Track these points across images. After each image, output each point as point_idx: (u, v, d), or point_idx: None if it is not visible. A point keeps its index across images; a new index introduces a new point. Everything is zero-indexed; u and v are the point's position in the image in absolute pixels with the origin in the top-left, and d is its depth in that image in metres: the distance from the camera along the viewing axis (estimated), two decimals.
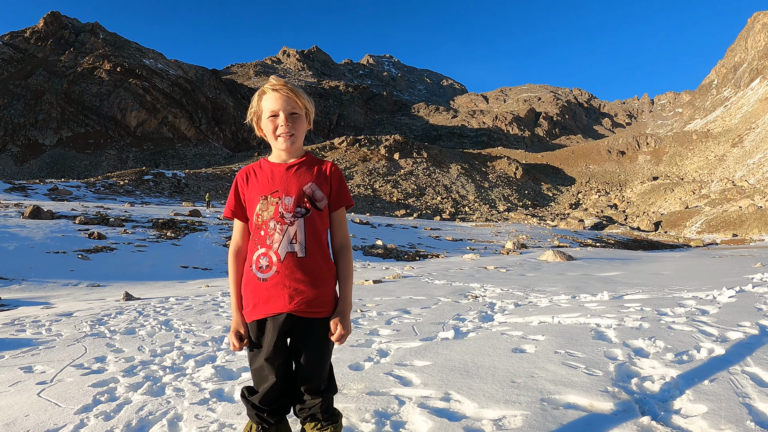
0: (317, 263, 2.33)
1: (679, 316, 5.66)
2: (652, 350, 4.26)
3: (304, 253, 2.31)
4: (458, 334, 5.48)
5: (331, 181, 2.41)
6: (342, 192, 2.42)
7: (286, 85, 2.39)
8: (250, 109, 2.50)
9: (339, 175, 2.44)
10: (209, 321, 7.56)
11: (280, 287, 2.32)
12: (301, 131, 2.44)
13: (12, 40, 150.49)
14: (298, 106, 2.39)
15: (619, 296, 8.03)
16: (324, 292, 2.33)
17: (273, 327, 2.34)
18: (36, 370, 4.94)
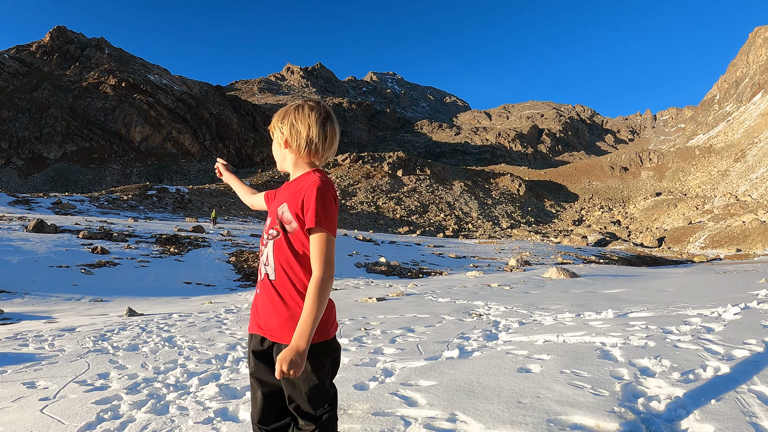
0: (286, 288, 2.25)
1: (684, 334, 5.62)
2: (658, 369, 4.23)
3: (274, 276, 2.29)
4: (463, 353, 5.45)
5: (303, 201, 2.22)
6: (309, 213, 2.18)
7: (278, 112, 2.45)
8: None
9: (312, 193, 2.18)
10: (212, 338, 7.53)
11: (256, 306, 2.39)
12: (277, 153, 2.47)
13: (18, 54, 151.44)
14: (272, 132, 2.46)
15: (623, 314, 7.97)
16: (290, 318, 2.23)
17: (251, 343, 2.41)
18: (39, 385, 4.92)
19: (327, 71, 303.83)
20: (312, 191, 2.18)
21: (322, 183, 2.19)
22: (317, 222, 2.15)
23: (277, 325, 2.25)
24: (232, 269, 22.11)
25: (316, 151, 2.34)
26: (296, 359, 2.06)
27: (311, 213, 2.16)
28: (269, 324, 2.29)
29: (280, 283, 2.27)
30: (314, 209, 2.16)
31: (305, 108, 2.35)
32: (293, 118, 2.34)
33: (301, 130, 2.33)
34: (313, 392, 2.25)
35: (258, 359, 2.38)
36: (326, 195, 2.18)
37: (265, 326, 2.32)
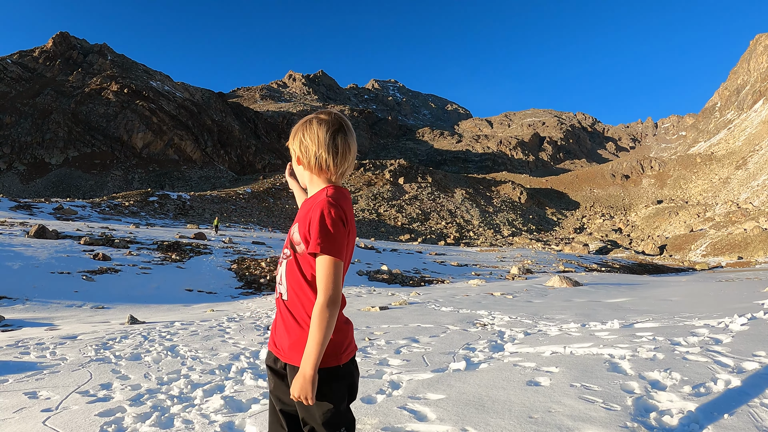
0: (297, 309, 2.20)
1: (692, 345, 5.57)
2: (668, 383, 4.19)
3: (287, 297, 2.25)
4: (470, 365, 5.39)
5: (309, 222, 2.14)
6: (312, 237, 2.09)
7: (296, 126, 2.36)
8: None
9: (316, 215, 2.10)
10: (216, 348, 7.46)
11: (275, 324, 2.36)
12: (300, 174, 2.37)
13: (21, 59, 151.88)
14: (292, 149, 2.35)
15: (629, 324, 7.92)
16: (300, 340, 2.16)
17: (268, 359, 2.39)
18: (41, 395, 4.86)
19: (329, 79, 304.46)
20: (316, 213, 2.10)
21: (327, 203, 2.10)
22: (320, 247, 2.07)
23: (288, 346, 2.22)
24: (233, 277, 22.06)
25: (328, 167, 2.24)
26: (305, 386, 2.04)
27: (314, 237, 2.09)
28: (282, 344, 2.26)
29: (292, 304, 2.23)
30: (317, 233, 2.08)
31: (313, 122, 2.26)
32: (302, 133, 2.27)
33: (309, 146, 2.25)
34: (327, 417, 2.18)
35: (275, 376, 2.36)
36: (330, 216, 2.08)
37: (279, 345, 2.29)
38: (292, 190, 2.77)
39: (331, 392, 2.17)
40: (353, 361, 2.30)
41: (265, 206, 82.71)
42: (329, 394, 2.16)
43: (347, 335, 2.27)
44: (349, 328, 2.31)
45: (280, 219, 76.93)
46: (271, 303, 15.51)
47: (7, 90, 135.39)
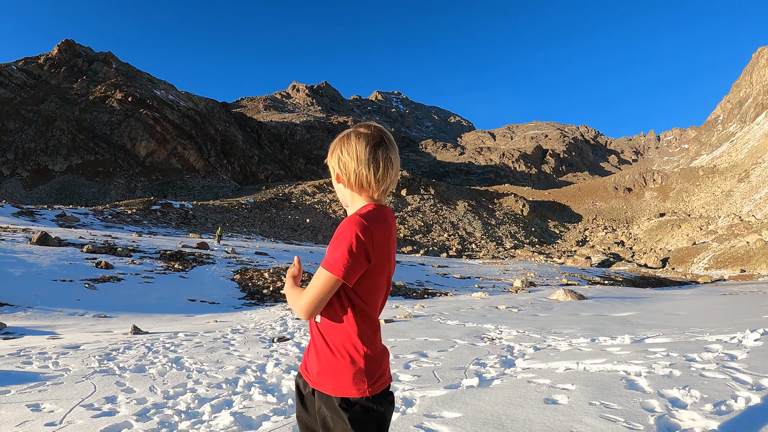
0: (330, 333, 2.09)
1: (708, 362, 5.52)
2: (688, 400, 4.13)
3: (320, 319, 2.13)
4: (483, 382, 5.28)
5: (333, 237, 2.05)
6: (331, 252, 1.99)
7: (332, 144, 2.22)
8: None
9: (338, 231, 2.01)
10: (221, 360, 7.35)
11: (308, 346, 2.25)
12: (339, 192, 2.24)
13: (26, 66, 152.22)
14: (332, 167, 2.20)
15: (639, 340, 7.84)
16: (329, 367, 2.07)
17: (297, 382, 2.30)
18: (44, 408, 4.75)
19: (332, 90, 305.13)
20: (341, 227, 2.01)
21: (354, 222, 2.00)
22: (326, 261, 1.99)
23: (317, 372, 2.11)
24: (236, 287, 21.94)
25: (369, 184, 2.11)
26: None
27: (331, 251, 2.00)
28: (312, 368, 2.15)
29: (325, 327, 2.11)
30: (334, 248, 1.99)
31: (352, 136, 2.13)
32: (340, 149, 2.15)
33: (348, 162, 2.12)
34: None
35: (302, 402, 2.25)
36: (350, 235, 1.96)
37: (309, 369, 2.18)
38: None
39: (358, 425, 2.02)
40: (386, 393, 2.14)
41: (267, 217, 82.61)
42: (357, 426, 2.02)
43: (381, 364, 2.13)
44: (385, 357, 2.17)
45: (282, 230, 76.84)
46: (275, 314, 15.39)
47: (11, 96, 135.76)
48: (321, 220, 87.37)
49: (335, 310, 2.08)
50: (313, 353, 2.15)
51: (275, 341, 9.20)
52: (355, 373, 2.04)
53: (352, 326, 2.05)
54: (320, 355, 2.11)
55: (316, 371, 2.11)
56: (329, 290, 2.00)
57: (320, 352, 2.11)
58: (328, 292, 2.00)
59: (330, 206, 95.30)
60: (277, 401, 4.93)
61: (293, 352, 7.95)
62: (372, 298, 2.10)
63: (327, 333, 2.10)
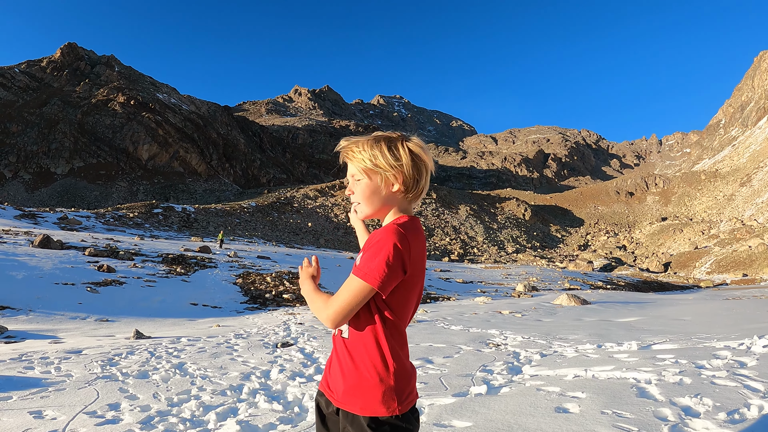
0: (359, 350, 1.98)
1: (718, 369, 5.48)
2: (701, 409, 4.09)
3: (347, 334, 2.02)
4: (491, 389, 5.22)
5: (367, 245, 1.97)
6: (364, 260, 1.90)
7: (348, 145, 2.06)
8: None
9: (375, 240, 1.91)
10: (225, 366, 7.29)
11: (330, 362, 2.14)
12: (368, 198, 2.04)
13: (28, 69, 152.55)
14: (357, 168, 2.04)
15: (647, 346, 7.78)
16: (357, 385, 1.96)
17: (318, 400, 2.20)
18: (46, 415, 4.69)
19: (334, 94, 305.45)
20: (376, 236, 1.92)
21: (393, 230, 1.90)
22: (359, 270, 1.89)
23: (343, 391, 1.99)
24: (239, 291, 21.87)
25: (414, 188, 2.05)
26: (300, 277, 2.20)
27: (363, 262, 1.90)
28: (336, 386, 2.04)
29: (353, 344, 2.00)
30: (365, 257, 1.90)
31: (381, 140, 2.05)
32: (370, 152, 2.02)
33: (381, 164, 2.02)
34: None
35: (323, 422, 2.15)
36: (388, 241, 1.87)
37: (333, 387, 2.07)
38: (355, 229, 2.46)
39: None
40: (414, 411, 2.04)
41: (269, 220, 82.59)
42: None
43: (410, 382, 2.04)
44: (413, 374, 2.09)
45: (284, 233, 76.82)
46: (277, 319, 15.32)
47: (14, 99, 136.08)
48: (323, 224, 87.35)
49: (364, 323, 1.98)
50: (338, 370, 2.05)
51: (279, 347, 9.13)
52: (384, 391, 1.94)
53: (382, 341, 1.96)
54: (346, 372, 2.00)
55: (342, 389, 2.00)
56: (361, 300, 1.90)
57: (346, 369, 2.00)
58: (360, 302, 1.90)
59: (332, 210, 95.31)
60: (283, 409, 4.86)
61: (297, 358, 7.88)
62: (403, 312, 2.01)
63: (354, 348, 1.99)
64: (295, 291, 22.72)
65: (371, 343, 1.96)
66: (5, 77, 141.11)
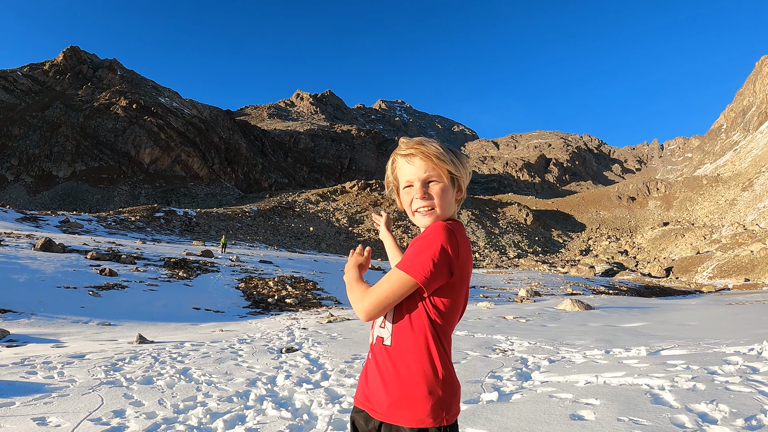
0: (404, 358, 1.88)
1: (730, 375, 5.46)
2: (718, 415, 4.06)
3: (390, 342, 1.92)
4: (502, 396, 5.14)
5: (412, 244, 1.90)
6: (411, 254, 1.85)
7: (420, 147, 1.96)
8: (386, 179, 2.13)
9: (424, 236, 1.86)
10: (230, 372, 7.20)
11: (366, 374, 2.03)
12: (445, 203, 1.97)
13: (31, 72, 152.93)
14: (438, 171, 1.96)
15: (655, 351, 7.72)
16: (405, 395, 1.86)
17: (355, 417, 2.07)
18: (50, 422, 4.60)
19: (336, 98, 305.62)
20: (422, 235, 1.87)
21: (441, 227, 1.86)
22: (403, 264, 1.83)
23: (388, 404, 1.88)
24: (241, 296, 21.79)
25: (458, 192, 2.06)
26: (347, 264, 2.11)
27: (409, 256, 1.84)
28: (378, 399, 1.92)
29: (397, 351, 1.90)
30: (412, 252, 1.85)
31: (450, 148, 2.02)
32: (458, 157, 2.02)
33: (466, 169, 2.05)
34: None
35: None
36: (436, 239, 1.82)
37: (373, 401, 1.95)
38: (384, 243, 2.47)
39: None
40: (456, 424, 1.95)
41: (271, 225, 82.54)
42: None
43: (457, 392, 1.95)
44: (459, 384, 1.98)
45: (285, 238, 76.75)
46: (281, 324, 15.23)
47: (16, 102, 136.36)
48: (324, 229, 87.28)
49: (412, 329, 1.89)
50: (378, 381, 1.93)
51: (283, 352, 9.04)
52: (434, 401, 1.85)
53: (432, 348, 1.87)
54: (389, 382, 1.89)
55: (387, 402, 1.88)
56: (401, 294, 1.84)
57: (389, 379, 1.89)
58: (399, 296, 1.84)
59: (333, 215, 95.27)
60: (291, 416, 4.77)
61: (303, 364, 7.80)
62: (451, 316, 1.94)
63: (399, 356, 1.90)
64: (298, 296, 22.65)
65: (421, 350, 1.87)
66: (8, 80, 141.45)
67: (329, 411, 4.89)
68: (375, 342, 1.99)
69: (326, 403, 5.21)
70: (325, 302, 22.37)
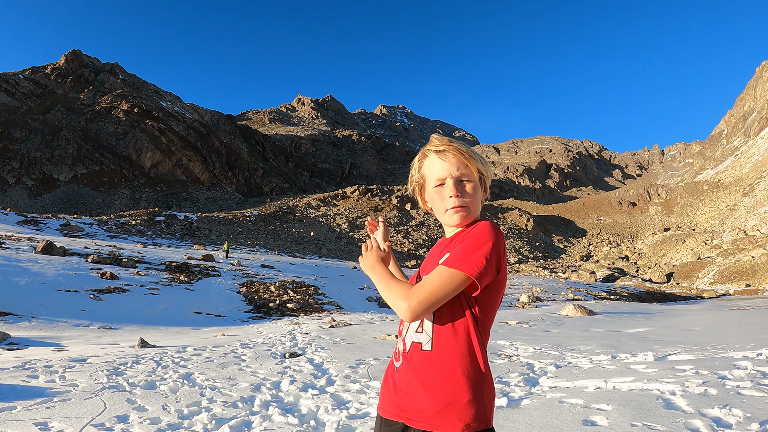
0: (449, 363, 1.79)
1: (741, 379, 5.44)
2: (732, 420, 4.03)
3: (431, 346, 1.83)
4: (511, 402, 5.08)
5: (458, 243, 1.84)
6: (461, 251, 1.77)
7: (452, 143, 1.96)
8: (411, 177, 2.07)
9: (471, 234, 1.81)
10: (234, 377, 7.13)
11: (392, 383, 1.93)
12: (476, 202, 1.94)
13: (33, 75, 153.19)
14: (471, 170, 1.94)
15: (662, 357, 7.68)
16: (452, 401, 1.76)
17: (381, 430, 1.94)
18: (52, 427, 4.54)
19: (337, 103, 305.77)
20: (471, 233, 1.82)
21: (488, 225, 1.83)
22: (453, 261, 1.76)
23: (433, 412, 1.77)
24: (242, 300, 21.73)
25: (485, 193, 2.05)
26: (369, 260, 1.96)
27: (456, 252, 1.79)
28: (418, 408, 1.81)
29: (441, 355, 1.81)
30: (462, 249, 1.78)
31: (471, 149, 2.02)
32: (479, 157, 2.00)
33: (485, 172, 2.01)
34: None
35: None
36: (486, 236, 1.78)
37: (410, 410, 1.83)
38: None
39: None
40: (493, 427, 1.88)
41: (271, 229, 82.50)
42: None
43: (493, 397, 1.87)
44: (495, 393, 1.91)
45: (286, 242, 76.70)
46: (282, 328, 15.16)
47: (18, 105, 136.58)
48: (325, 234, 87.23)
49: (455, 332, 1.81)
50: (420, 390, 1.81)
51: (287, 357, 8.97)
52: (480, 404, 1.78)
53: (476, 349, 1.81)
54: (434, 390, 1.79)
55: (432, 410, 1.78)
56: (452, 291, 1.75)
57: (434, 387, 1.79)
58: (450, 294, 1.75)
59: (334, 220, 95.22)
60: (298, 422, 4.70)
61: (307, 369, 7.73)
62: (492, 314, 1.88)
63: (445, 361, 1.81)
64: (299, 300, 22.58)
65: (464, 352, 1.80)
66: (9, 83, 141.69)
67: (337, 417, 4.82)
68: (410, 349, 1.89)
69: (333, 409, 5.14)
70: (327, 307, 22.31)
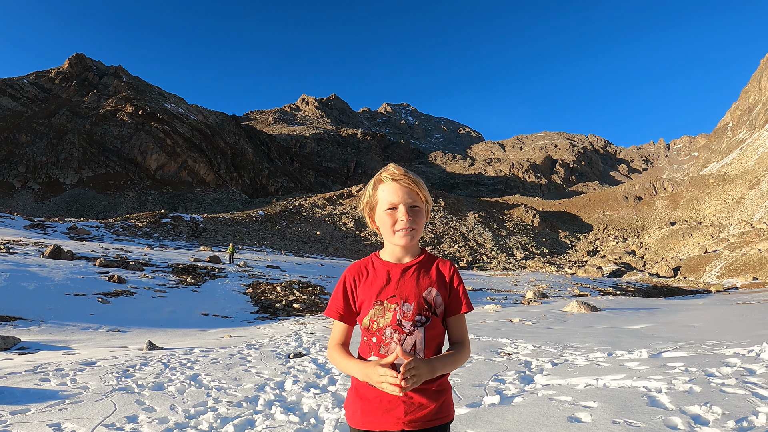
0: (440, 377, 2.16)
1: (727, 377, 5.52)
2: (710, 417, 4.15)
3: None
4: (504, 399, 5.27)
5: (450, 286, 2.22)
6: (465, 296, 2.22)
7: (407, 174, 2.21)
8: (363, 198, 2.31)
9: (459, 278, 2.25)
10: (239, 377, 7.35)
11: (395, 400, 2.12)
12: (422, 226, 2.24)
13: (37, 80, 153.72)
14: (420, 198, 2.22)
15: (657, 354, 7.80)
16: (446, 394, 2.19)
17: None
18: (65, 428, 4.76)
19: (341, 102, 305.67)
20: (459, 276, 2.27)
21: (450, 262, 2.29)
22: (467, 302, 2.24)
23: (435, 409, 2.14)
24: (249, 301, 21.93)
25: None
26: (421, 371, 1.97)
27: (466, 297, 2.23)
28: (421, 414, 2.11)
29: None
30: (464, 292, 2.23)
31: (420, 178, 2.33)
32: (425, 187, 2.31)
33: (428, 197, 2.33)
34: None
35: None
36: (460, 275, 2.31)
37: (415, 417, 2.11)
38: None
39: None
40: None
41: (278, 229, 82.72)
42: None
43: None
44: None
45: (292, 242, 76.90)
46: (288, 329, 15.35)
47: (23, 109, 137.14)
48: (331, 233, 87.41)
49: (438, 349, 2.23)
50: (421, 398, 2.12)
51: (291, 357, 9.18)
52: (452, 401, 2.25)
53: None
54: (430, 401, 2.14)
55: (434, 408, 2.14)
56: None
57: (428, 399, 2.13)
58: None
59: (340, 219, 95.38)
60: (299, 420, 4.92)
61: (311, 369, 7.94)
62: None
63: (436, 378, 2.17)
64: (305, 301, 22.77)
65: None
66: (14, 88, 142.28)
67: (336, 415, 5.04)
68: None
69: (333, 407, 5.35)
70: None
